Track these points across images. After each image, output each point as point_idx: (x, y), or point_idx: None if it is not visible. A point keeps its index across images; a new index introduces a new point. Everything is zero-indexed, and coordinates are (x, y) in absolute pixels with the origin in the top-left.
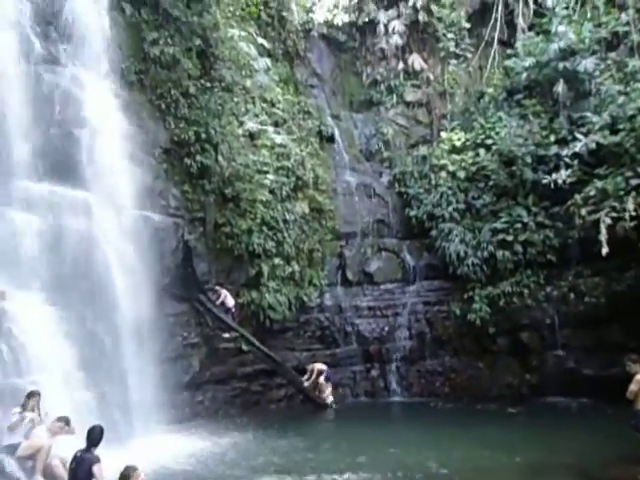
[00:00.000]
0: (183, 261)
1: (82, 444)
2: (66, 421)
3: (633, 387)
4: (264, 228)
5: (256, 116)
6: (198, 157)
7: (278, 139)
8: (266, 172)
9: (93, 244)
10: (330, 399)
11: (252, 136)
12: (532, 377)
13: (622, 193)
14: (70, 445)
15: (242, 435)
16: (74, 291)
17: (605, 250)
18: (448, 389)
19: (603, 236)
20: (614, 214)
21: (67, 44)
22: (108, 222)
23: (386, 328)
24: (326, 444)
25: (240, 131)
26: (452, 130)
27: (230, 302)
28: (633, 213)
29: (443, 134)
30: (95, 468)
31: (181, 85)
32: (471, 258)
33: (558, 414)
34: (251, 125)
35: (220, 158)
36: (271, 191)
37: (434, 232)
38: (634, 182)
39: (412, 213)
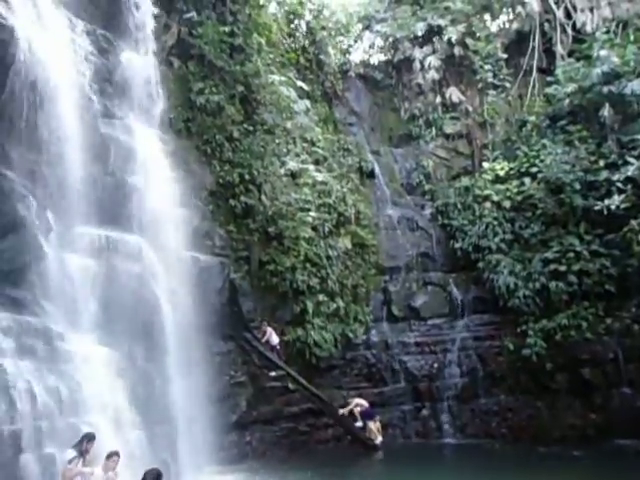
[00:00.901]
0: (229, 300)
1: None
2: (116, 454)
3: None
4: (307, 265)
5: (297, 155)
6: (242, 197)
7: (319, 177)
8: (308, 209)
9: (144, 285)
10: (379, 439)
11: (294, 175)
12: (597, 417)
13: None
14: None
15: (290, 478)
16: (125, 332)
17: None
18: (505, 430)
19: None
20: None
21: (121, 98)
22: (158, 264)
23: (435, 365)
24: None
25: (282, 171)
26: (494, 160)
27: (275, 340)
28: None
29: (485, 164)
30: None
31: (225, 130)
32: (522, 290)
33: (630, 458)
34: (292, 164)
35: (263, 198)
36: (313, 228)
37: (481, 264)
38: None
39: (457, 245)
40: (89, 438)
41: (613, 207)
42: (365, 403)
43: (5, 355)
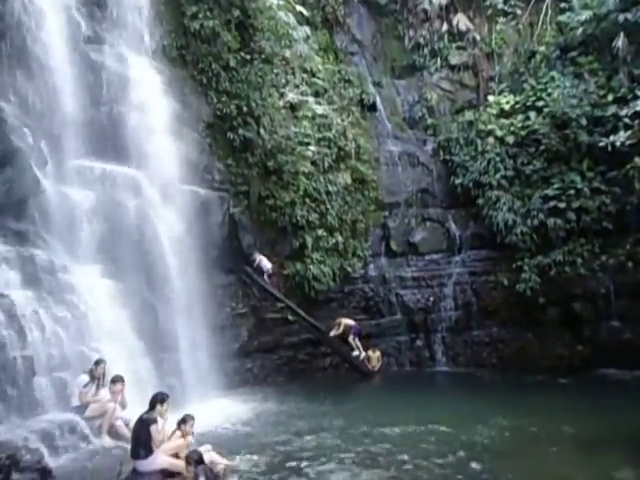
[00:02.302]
0: (229, 234)
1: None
2: (121, 380)
3: None
4: (307, 200)
5: (296, 87)
6: (240, 130)
7: (319, 109)
8: (308, 144)
9: (144, 219)
10: (378, 367)
11: (293, 107)
12: (585, 348)
13: None
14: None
15: (288, 401)
16: (128, 264)
17: None
18: (495, 360)
19: None
20: None
21: (111, 23)
22: (157, 198)
23: (431, 298)
24: (369, 411)
25: (281, 103)
26: (500, 93)
27: (267, 265)
28: None
29: (490, 98)
30: (152, 428)
31: (221, 58)
32: (520, 227)
33: (612, 386)
34: (292, 96)
35: (262, 131)
36: (313, 163)
37: (481, 200)
38: None
39: (457, 181)
40: (100, 363)
41: (618, 143)
42: (352, 322)
43: (12, 286)
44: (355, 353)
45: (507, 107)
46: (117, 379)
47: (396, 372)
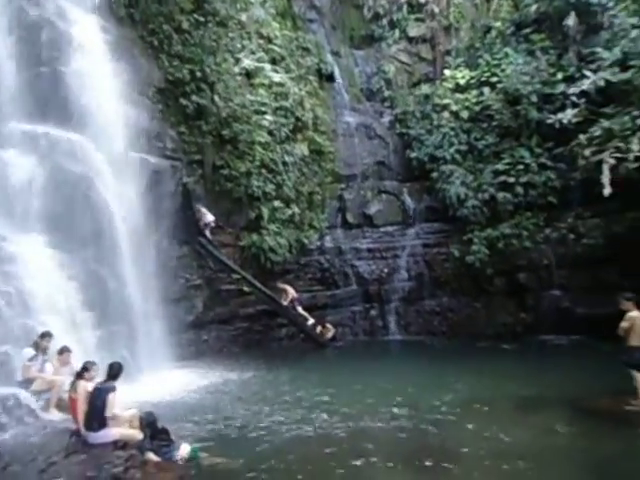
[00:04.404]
0: (182, 204)
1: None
2: (68, 350)
3: (625, 324)
4: (263, 170)
5: (252, 53)
6: (194, 97)
7: (276, 77)
8: (264, 113)
9: (90, 187)
10: (330, 334)
11: (249, 75)
12: (527, 316)
13: (628, 133)
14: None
15: (244, 371)
16: (74, 234)
17: (607, 191)
18: (445, 328)
19: (605, 177)
20: (618, 154)
21: None
22: (104, 165)
23: (385, 270)
24: (325, 379)
25: (236, 69)
26: (456, 67)
27: (209, 218)
28: (638, 153)
29: (447, 72)
30: (109, 396)
31: (173, 20)
32: (471, 200)
33: (551, 351)
34: (247, 62)
35: (216, 98)
36: (270, 132)
37: (435, 174)
38: None
39: (413, 155)
40: (46, 336)
41: (565, 121)
42: (294, 292)
43: None
44: (310, 322)
45: (462, 82)
46: (64, 349)
47: (351, 341)
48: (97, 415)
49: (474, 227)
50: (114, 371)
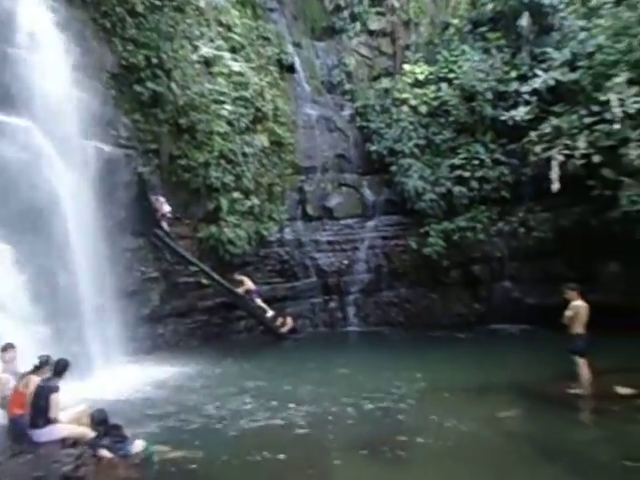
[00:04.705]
0: (138, 195)
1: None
2: (12, 347)
3: (569, 313)
4: (222, 161)
5: (211, 41)
6: (149, 84)
7: (235, 67)
8: (223, 102)
9: (37, 175)
10: (287, 327)
11: (207, 63)
12: (481, 306)
13: (575, 131)
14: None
15: (202, 365)
16: (21, 226)
17: (555, 187)
18: (403, 318)
19: (554, 173)
20: (566, 151)
21: None
22: (53, 152)
23: (345, 262)
24: (285, 370)
25: (194, 57)
26: (416, 62)
27: (166, 208)
28: (583, 151)
29: (406, 66)
30: (52, 396)
31: (126, 2)
32: (429, 194)
33: (502, 339)
34: (206, 50)
35: (173, 85)
36: (229, 122)
37: (394, 167)
38: (587, 120)
39: (373, 148)
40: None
41: (518, 118)
42: (252, 285)
43: None
44: (269, 315)
45: (421, 77)
46: (7, 347)
47: (310, 333)
48: (41, 414)
49: (431, 220)
50: (59, 368)
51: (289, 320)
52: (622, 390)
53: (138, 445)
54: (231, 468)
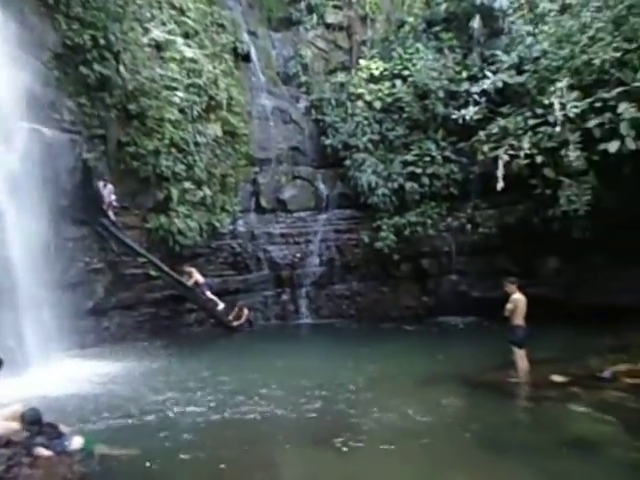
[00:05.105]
0: (82, 182)
1: None
2: None
3: (509, 306)
4: (173, 150)
5: (163, 24)
6: (96, 66)
7: (188, 52)
8: (175, 89)
9: None
10: (242, 320)
11: (159, 47)
12: (429, 299)
13: (520, 132)
14: None
15: (149, 358)
16: None
17: (500, 185)
18: (354, 311)
19: (500, 172)
20: (511, 152)
21: None
22: None
23: (298, 255)
24: (235, 363)
25: (145, 40)
26: (371, 58)
27: (110, 196)
28: (527, 151)
29: (362, 62)
30: None
31: None
32: (382, 189)
33: (449, 331)
34: (157, 34)
35: (122, 69)
36: (181, 110)
37: (348, 162)
38: (532, 122)
39: (328, 142)
40: None
41: (468, 117)
42: (201, 278)
43: None
44: (220, 307)
45: (377, 73)
46: None
47: (262, 326)
48: None
49: (383, 215)
50: None
51: (245, 311)
52: (557, 378)
53: (77, 442)
54: (173, 465)
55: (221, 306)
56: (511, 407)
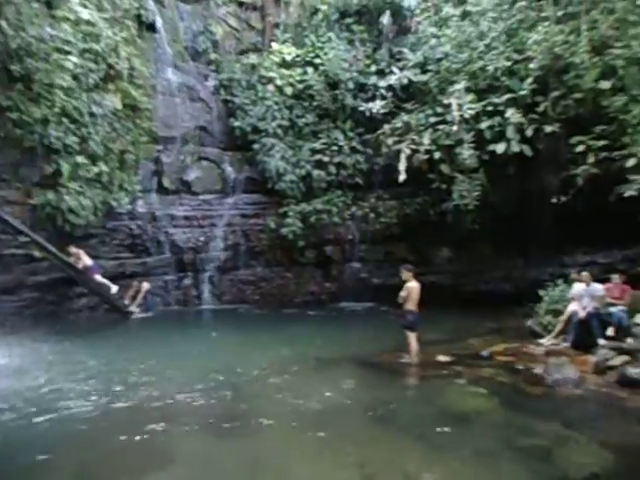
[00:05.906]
0: None
1: None
2: None
3: (403, 293)
4: (64, 120)
5: None
6: None
7: (84, 14)
8: (68, 52)
9: None
10: (135, 305)
11: (49, 4)
12: (332, 285)
13: (422, 128)
14: None
15: (28, 347)
16: None
17: (402, 177)
18: (258, 297)
19: (402, 165)
20: (413, 146)
21: None
22: None
23: (202, 238)
24: (129, 350)
25: None
26: (284, 42)
27: None
28: (427, 147)
29: (274, 45)
30: None
31: None
32: (290, 175)
33: (349, 316)
34: None
35: (4, 24)
36: (75, 77)
37: (257, 146)
38: (432, 120)
39: (236, 124)
40: None
41: (374, 110)
42: (89, 261)
43: None
44: (113, 291)
45: (289, 58)
46: None
47: (162, 311)
48: None
49: (290, 201)
50: None
51: (145, 284)
52: (443, 358)
53: None
54: (47, 464)
55: (114, 289)
56: (402, 385)
